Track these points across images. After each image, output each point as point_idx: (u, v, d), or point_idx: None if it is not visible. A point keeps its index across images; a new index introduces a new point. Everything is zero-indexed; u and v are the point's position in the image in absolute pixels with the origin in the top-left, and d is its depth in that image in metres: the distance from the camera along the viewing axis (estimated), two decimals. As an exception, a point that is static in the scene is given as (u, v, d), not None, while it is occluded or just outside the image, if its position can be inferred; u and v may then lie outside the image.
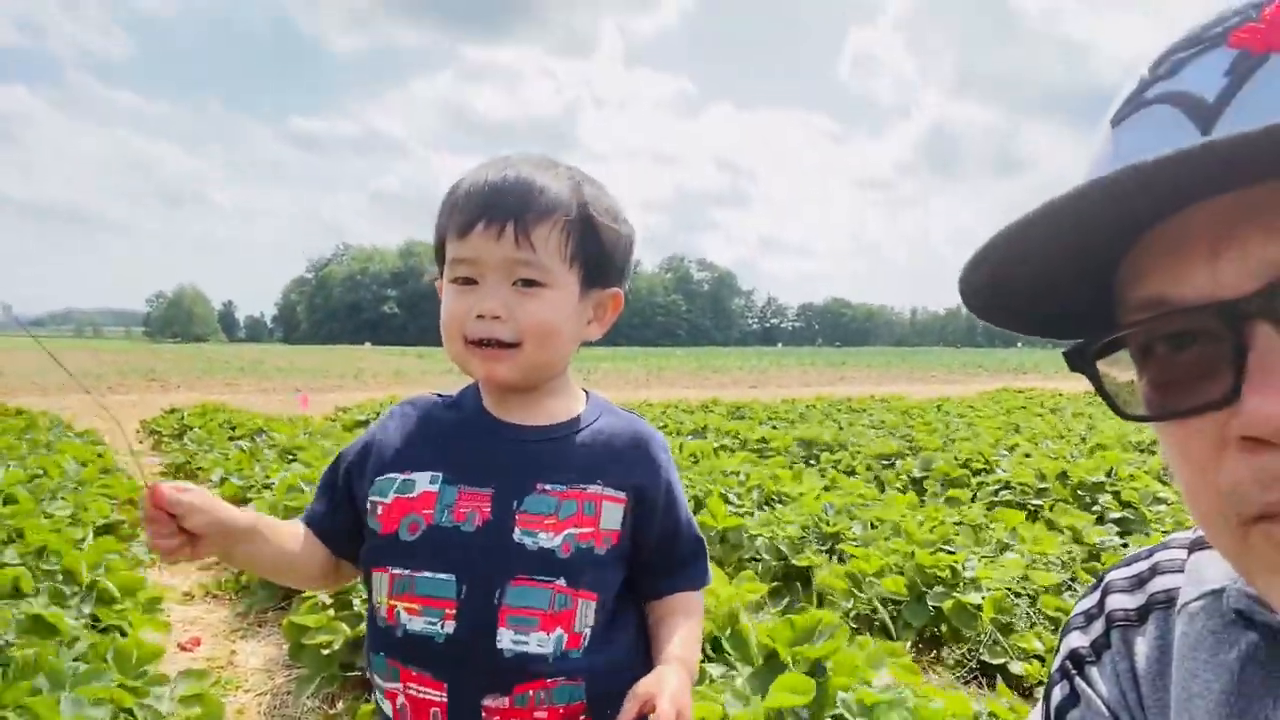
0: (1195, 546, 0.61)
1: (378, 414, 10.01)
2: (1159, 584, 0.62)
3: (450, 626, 1.03)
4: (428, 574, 1.05)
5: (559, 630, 1.05)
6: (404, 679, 1.05)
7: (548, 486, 1.08)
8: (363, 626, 3.09)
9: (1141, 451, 8.53)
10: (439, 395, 1.21)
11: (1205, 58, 0.41)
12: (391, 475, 1.10)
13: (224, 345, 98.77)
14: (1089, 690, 0.62)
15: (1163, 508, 5.64)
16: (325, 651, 3.15)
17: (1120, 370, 0.48)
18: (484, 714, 1.03)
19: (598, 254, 1.09)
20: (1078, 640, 0.64)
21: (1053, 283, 0.47)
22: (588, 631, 1.08)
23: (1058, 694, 0.64)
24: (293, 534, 1.12)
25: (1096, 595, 0.66)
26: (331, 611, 3.29)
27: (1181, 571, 0.61)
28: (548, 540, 1.05)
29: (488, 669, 1.03)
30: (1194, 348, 0.43)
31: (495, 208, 1.03)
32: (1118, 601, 0.64)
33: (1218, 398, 0.41)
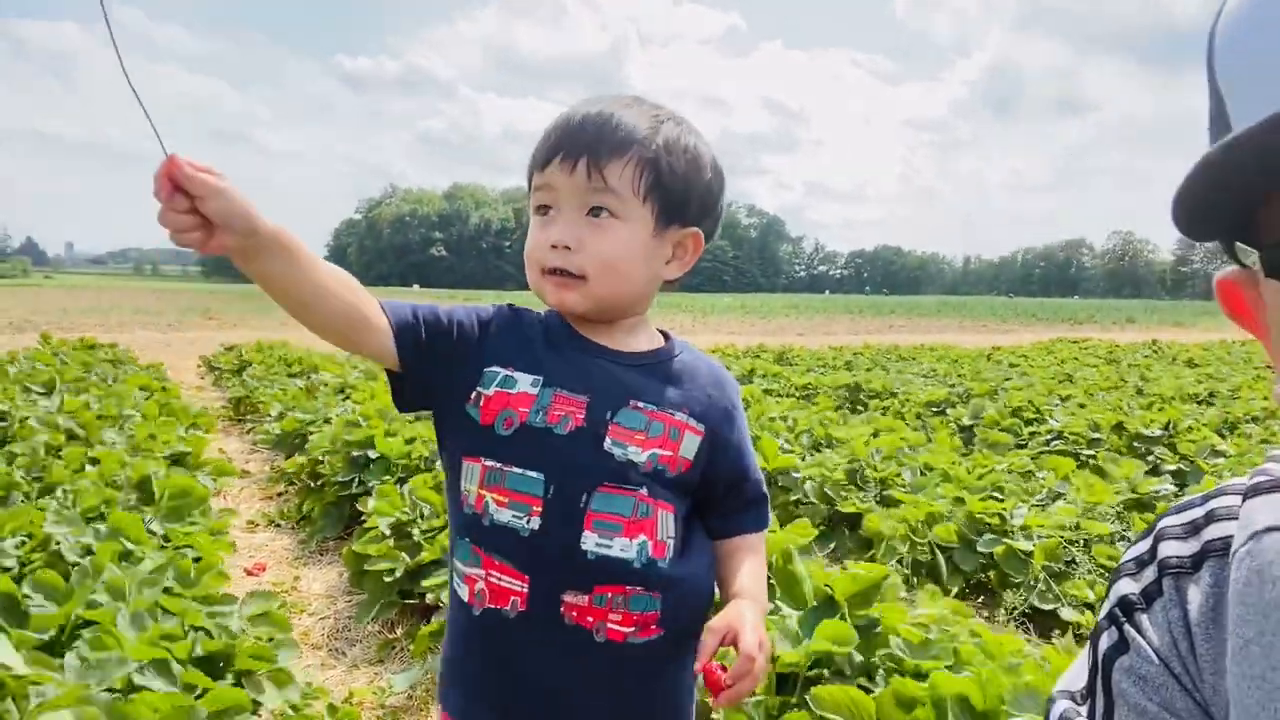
0: (1251, 493, 0.60)
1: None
2: (1215, 531, 0.61)
3: (536, 523, 1.06)
4: (518, 470, 1.08)
5: (642, 536, 1.09)
6: (486, 566, 1.09)
7: (640, 404, 1.11)
8: (423, 555, 3.21)
9: (1200, 403, 8.34)
10: (536, 312, 1.22)
11: None
12: (496, 369, 1.12)
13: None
14: (1138, 637, 0.60)
15: (1220, 460, 5.53)
16: (386, 579, 3.26)
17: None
18: (563, 608, 1.07)
19: (674, 191, 1.10)
20: (1128, 586, 0.63)
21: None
22: (670, 542, 1.12)
23: (1105, 641, 0.63)
24: (333, 273, 1.04)
25: (1149, 541, 0.65)
26: (391, 541, 3.40)
27: (1229, 520, 0.60)
28: (636, 454, 1.09)
29: (570, 567, 1.07)
30: None
31: (573, 141, 1.07)
32: (1171, 548, 0.62)
33: None
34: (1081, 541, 3.80)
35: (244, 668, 2.50)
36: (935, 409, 7.79)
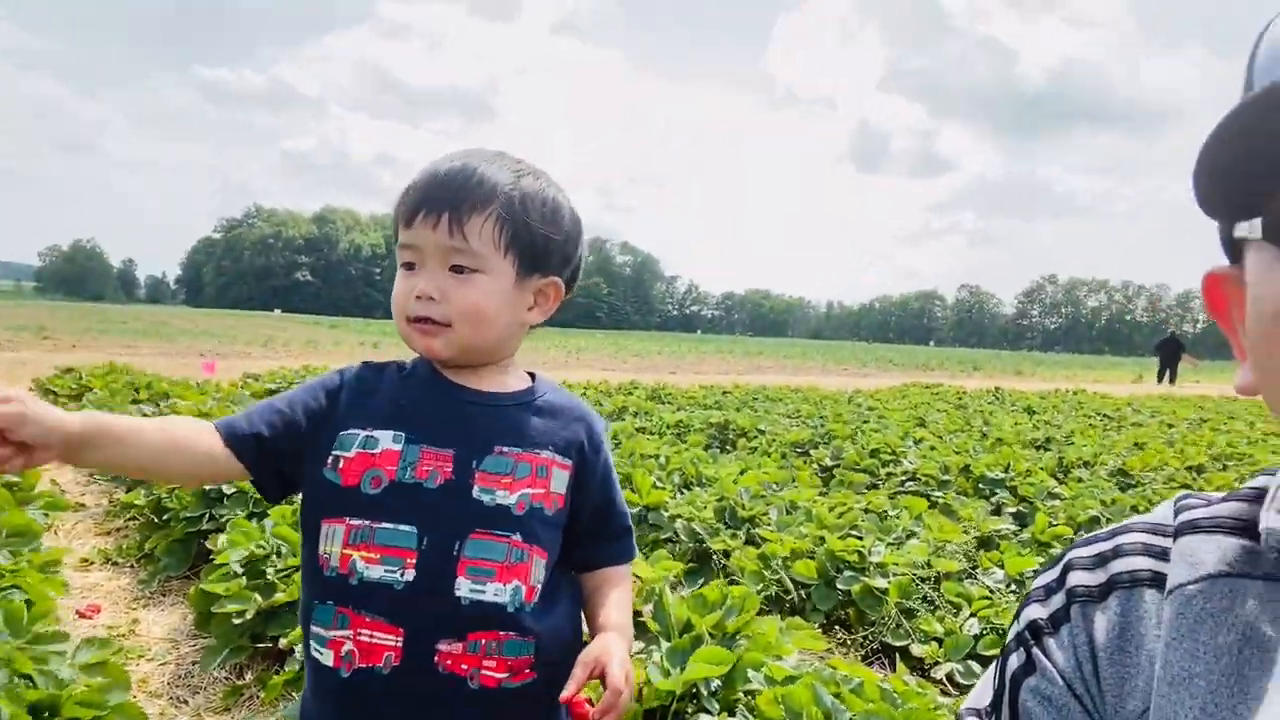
0: (1188, 529, 0.64)
1: (291, 384, 9.74)
2: (1122, 565, 0.65)
3: (410, 575, 1.08)
4: (388, 525, 1.09)
5: (515, 581, 1.11)
6: (355, 625, 1.08)
7: (505, 448, 1.15)
8: (277, 595, 3.06)
9: (1038, 448, 8.98)
10: (397, 362, 1.24)
11: None
12: (354, 431, 1.14)
13: (123, 305, 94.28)
14: (1045, 660, 0.64)
15: (1056, 502, 5.96)
16: (236, 621, 3.09)
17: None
18: (437, 658, 1.07)
19: (534, 244, 1.16)
20: (1037, 612, 0.67)
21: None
22: (539, 587, 1.14)
23: (1014, 662, 0.66)
24: (164, 434, 1.07)
25: (1057, 571, 0.69)
26: (244, 579, 3.22)
27: (1146, 555, 0.65)
28: (504, 498, 1.12)
29: (445, 615, 1.08)
30: None
31: (433, 199, 1.12)
32: (1079, 578, 0.66)
33: None
34: (932, 578, 4.00)
35: (72, 717, 2.30)
36: (799, 449, 8.07)
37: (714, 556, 4.31)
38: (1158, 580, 0.63)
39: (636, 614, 2.79)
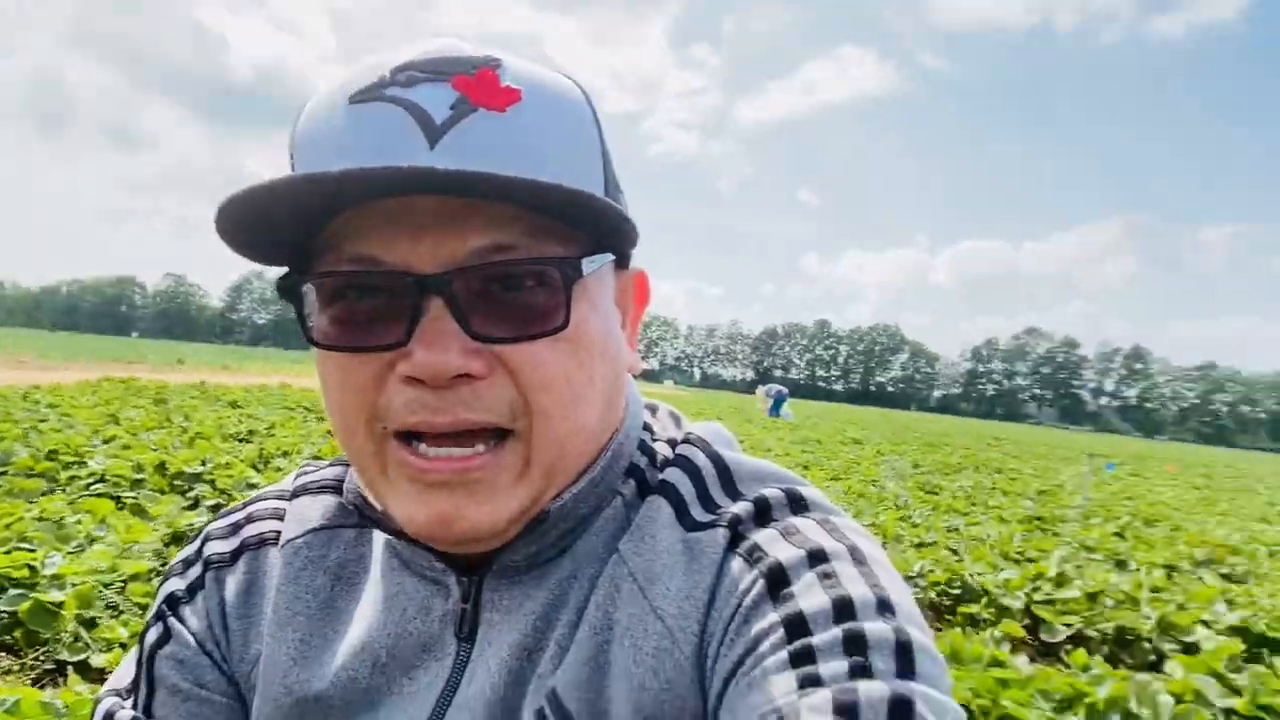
0: (295, 494, 0.73)
1: None
2: (253, 529, 0.72)
3: None
4: None
5: None
6: None
7: None
8: None
9: (241, 441, 9.11)
10: None
11: (437, 86, 0.54)
12: None
13: None
14: (180, 626, 0.69)
15: (253, 492, 6.13)
16: None
17: (307, 304, 0.58)
18: None
19: None
20: (175, 584, 0.71)
21: (279, 225, 0.56)
22: None
23: (152, 634, 0.70)
24: None
25: (196, 544, 0.74)
26: None
27: (274, 518, 0.73)
28: None
29: None
30: (382, 300, 0.56)
31: None
32: (214, 547, 0.72)
33: (393, 342, 0.55)
34: (119, 583, 3.78)
35: None
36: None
37: None
38: (279, 539, 0.71)
39: None
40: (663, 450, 0.70)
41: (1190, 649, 4.12)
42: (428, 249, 0.54)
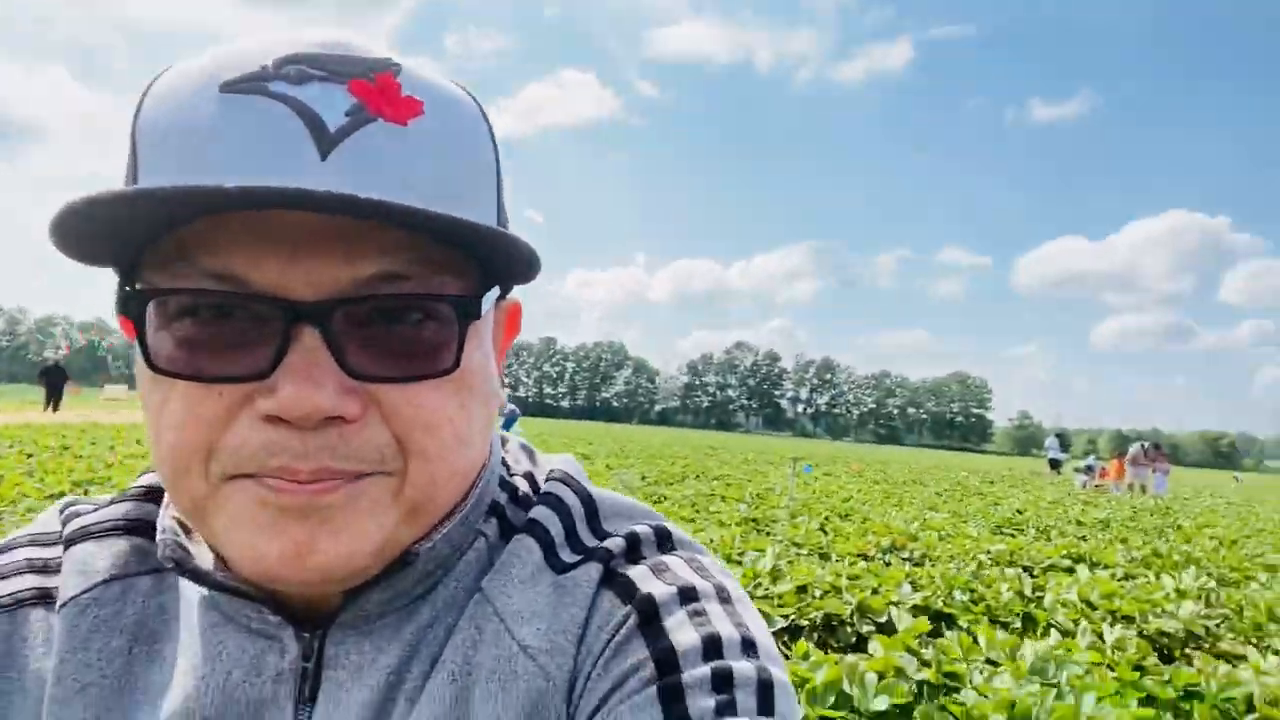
0: (72, 540, 0.62)
1: None
2: (2, 587, 0.61)
3: None
4: None
5: None
6: None
7: None
8: None
9: None
10: None
11: (331, 88, 0.48)
12: None
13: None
14: None
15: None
16: None
17: (148, 322, 0.49)
18: None
19: None
20: None
21: (122, 227, 0.47)
22: None
23: None
24: None
25: None
26: None
27: (31, 572, 0.62)
28: None
29: None
30: (243, 325, 0.48)
31: None
32: None
33: (254, 373, 0.47)
34: None
35: None
36: None
37: None
38: (44, 596, 0.61)
39: None
40: (522, 485, 0.67)
41: (885, 628, 4.66)
42: (304, 274, 0.47)
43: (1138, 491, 21.71)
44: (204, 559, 0.57)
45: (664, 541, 0.63)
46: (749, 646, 0.54)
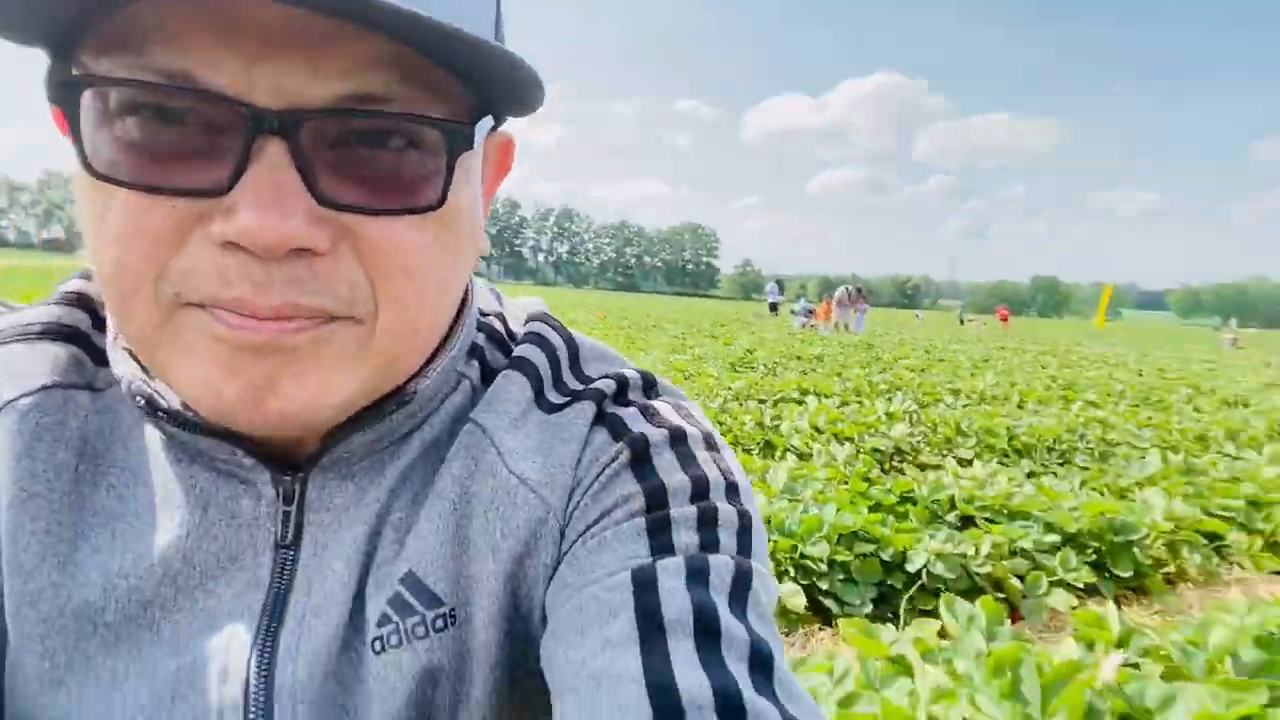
0: None
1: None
2: None
3: None
4: None
5: None
6: None
7: None
8: None
9: None
10: None
11: None
12: None
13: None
14: None
15: None
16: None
17: (85, 115, 0.42)
18: None
19: None
20: None
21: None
22: None
23: None
24: None
25: None
26: None
27: None
28: None
29: None
30: (196, 131, 0.42)
31: None
32: None
33: (209, 188, 0.42)
34: None
35: None
36: None
37: None
38: None
39: None
40: (496, 325, 0.65)
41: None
42: (269, 77, 0.41)
43: (842, 330, 24.37)
44: (171, 398, 0.52)
45: (650, 386, 0.64)
46: (732, 490, 0.57)
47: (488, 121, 0.50)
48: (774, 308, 34.30)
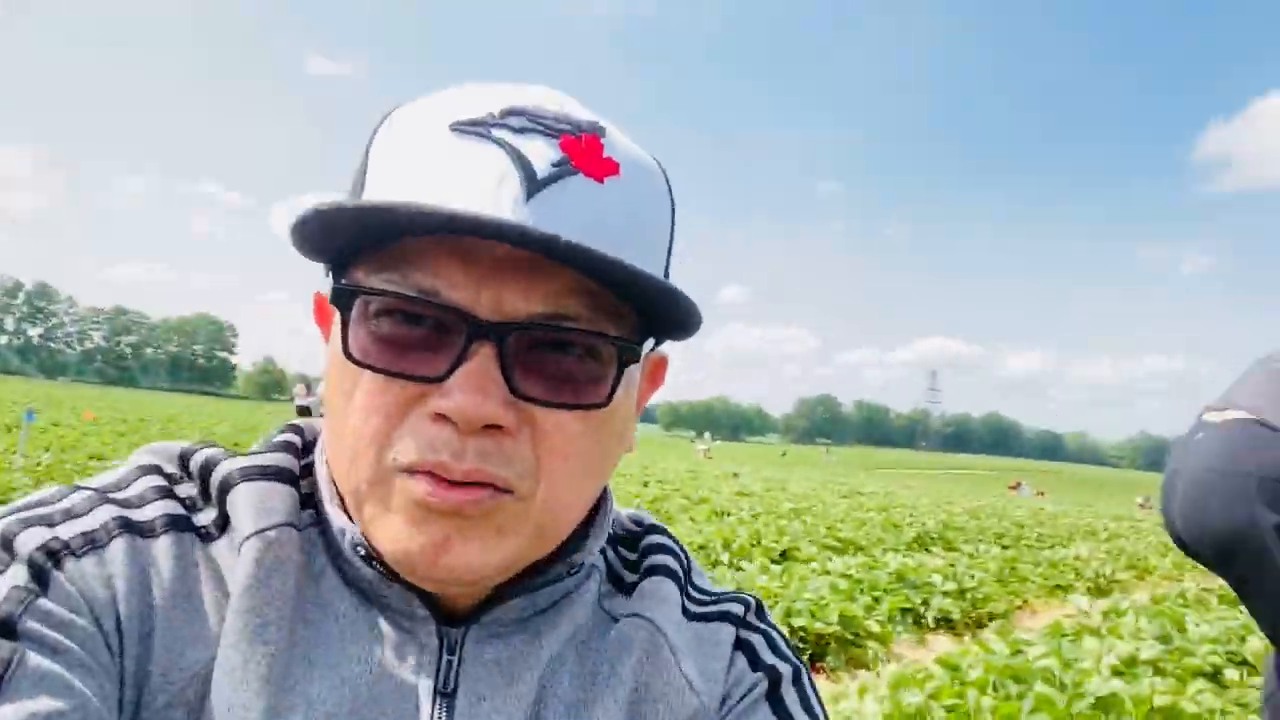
0: (247, 476, 0.61)
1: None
2: (147, 512, 0.60)
3: None
4: None
5: None
6: None
7: None
8: None
9: None
10: None
11: (545, 140, 0.54)
12: None
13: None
14: (62, 578, 0.54)
15: None
16: None
17: (354, 314, 0.55)
18: None
19: None
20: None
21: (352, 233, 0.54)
22: None
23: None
24: None
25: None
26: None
27: (168, 498, 0.61)
28: None
29: None
30: (428, 332, 0.54)
31: None
32: (36, 537, 0.55)
33: (433, 375, 0.53)
34: None
35: None
36: None
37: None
38: (180, 524, 0.60)
39: None
40: (617, 529, 0.75)
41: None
42: (491, 297, 0.53)
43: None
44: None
45: (760, 611, 0.73)
46: None
47: (650, 341, 0.62)
48: (304, 411, 32.49)
